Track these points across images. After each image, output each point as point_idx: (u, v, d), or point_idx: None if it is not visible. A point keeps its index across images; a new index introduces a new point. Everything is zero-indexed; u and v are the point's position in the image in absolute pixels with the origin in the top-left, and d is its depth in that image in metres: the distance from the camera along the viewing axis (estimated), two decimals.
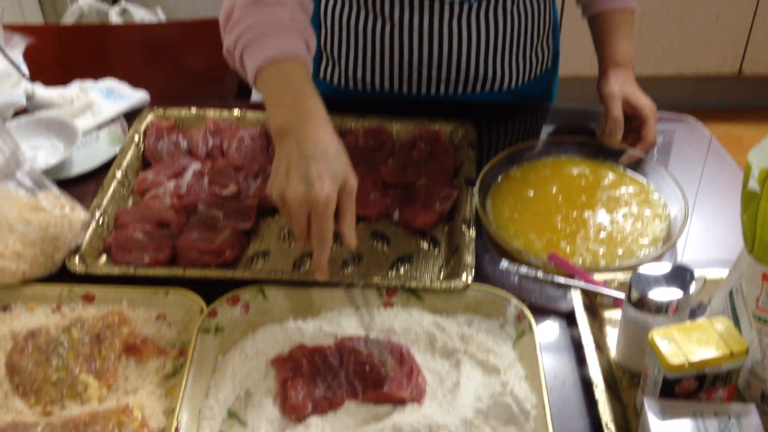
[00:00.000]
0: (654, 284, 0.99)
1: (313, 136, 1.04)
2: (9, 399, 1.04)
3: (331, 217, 1.01)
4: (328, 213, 1.01)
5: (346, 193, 1.04)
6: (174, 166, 1.40)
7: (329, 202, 1.00)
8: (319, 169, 1.01)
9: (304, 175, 1.01)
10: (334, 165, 1.02)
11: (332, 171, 1.02)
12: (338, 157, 1.04)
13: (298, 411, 1.01)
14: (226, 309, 1.12)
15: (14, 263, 1.18)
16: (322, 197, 0.99)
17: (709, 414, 0.91)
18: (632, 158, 1.38)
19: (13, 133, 1.38)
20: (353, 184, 1.04)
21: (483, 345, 1.08)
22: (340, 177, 1.02)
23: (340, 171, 1.03)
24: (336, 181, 1.02)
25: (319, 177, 1.00)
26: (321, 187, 1.00)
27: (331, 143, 1.05)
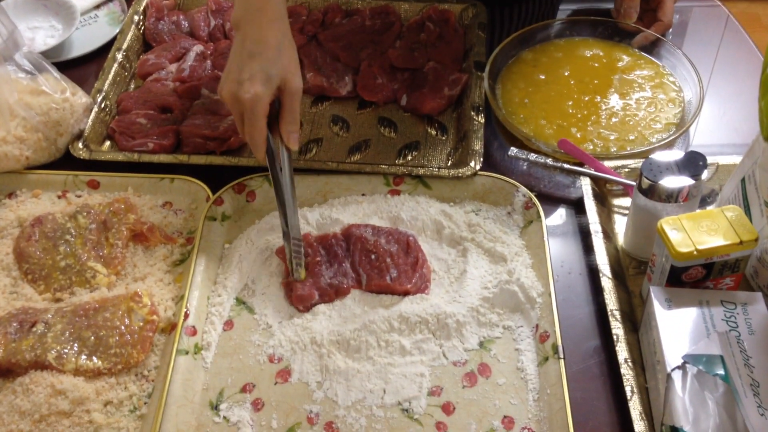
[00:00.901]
0: (665, 171, 0.98)
1: (256, 34, 1.02)
2: (19, 285, 1.05)
3: (259, 119, 0.99)
4: (255, 113, 0.99)
5: (287, 94, 1.01)
6: (175, 48, 1.37)
7: (256, 104, 0.99)
8: (252, 69, 1.00)
9: (238, 74, 1.00)
10: (270, 65, 1.00)
11: (266, 71, 1.00)
12: (278, 57, 1.01)
13: (305, 301, 1.01)
14: (232, 197, 1.12)
15: (17, 149, 1.17)
16: (249, 98, 0.98)
17: (715, 302, 0.91)
18: (646, 39, 1.34)
19: (10, 13, 1.34)
20: (294, 84, 1.02)
21: (490, 233, 1.07)
22: (276, 77, 1.00)
23: (277, 71, 1.00)
24: (269, 82, 0.99)
25: (250, 77, 0.99)
26: (249, 88, 0.98)
27: (274, 41, 1.02)
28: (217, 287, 1.04)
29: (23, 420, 0.90)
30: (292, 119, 1.02)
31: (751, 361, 0.85)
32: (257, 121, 1.00)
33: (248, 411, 0.93)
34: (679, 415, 0.82)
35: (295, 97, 1.02)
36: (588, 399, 0.93)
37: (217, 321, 1.01)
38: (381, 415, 0.92)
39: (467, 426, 0.91)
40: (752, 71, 1.36)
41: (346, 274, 1.04)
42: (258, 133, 1.00)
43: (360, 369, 0.95)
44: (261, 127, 1.00)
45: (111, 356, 0.95)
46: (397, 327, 0.98)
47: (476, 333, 0.99)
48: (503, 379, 0.95)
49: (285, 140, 1.02)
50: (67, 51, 1.42)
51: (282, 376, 0.96)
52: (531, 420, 0.91)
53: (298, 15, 1.41)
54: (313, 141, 1.23)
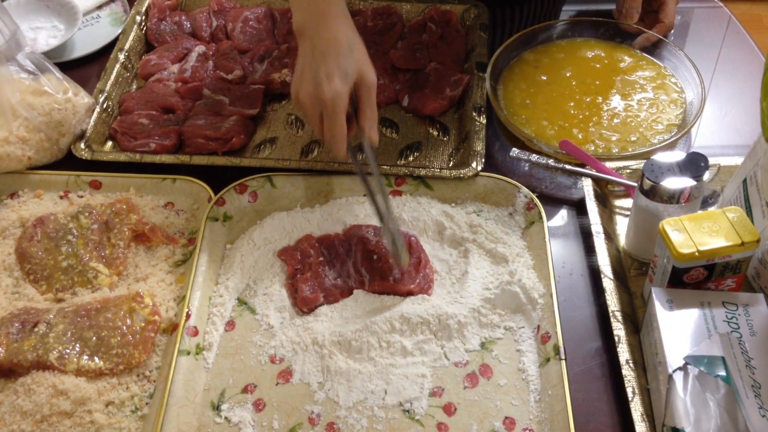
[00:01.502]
0: (667, 172, 0.98)
1: (325, 34, 1.03)
2: (21, 285, 1.05)
3: (340, 115, 1.00)
4: (337, 111, 1.00)
5: (364, 89, 1.02)
6: (177, 49, 1.37)
7: (337, 100, 0.99)
8: (328, 67, 1.00)
9: (314, 74, 1.00)
10: (345, 62, 1.01)
11: (342, 68, 1.00)
12: (350, 53, 1.02)
13: (309, 303, 1.02)
14: (233, 197, 1.12)
15: (19, 149, 1.17)
16: (329, 96, 0.99)
17: (716, 303, 0.91)
18: (648, 40, 1.34)
19: (13, 13, 1.34)
20: (370, 78, 1.02)
21: (492, 234, 1.07)
22: (353, 73, 1.01)
23: (353, 67, 1.01)
24: (346, 78, 1.00)
25: (327, 76, 1.00)
26: (329, 86, 0.99)
27: (344, 39, 1.02)
28: (218, 288, 1.04)
29: (25, 420, 0.90)
30: (372, 113, 1.03)
31: (753, 363, 0.85)
32: (339, 119, 1.00)
33: (249, 411, 0.93)
34: (680, 416, 0.82)
35: (372, 90, 1.03)
36: (589, 400, 0.93)
37: (219, 321, 1.01)
38: (382, 415, 0.92)
39: (468, 427, 0.91)
40: (754, 72, 1.36)
41: (350, 275, 1.04)
42: (340, 130, 1.01)
43: (361, 370, 0.95)
44: (342, 124, 1.01)
45: (113, 356, 0.95)
46: (398, 328, 0.98)
47: (477, 334, 0.99)
48: (504, 380, 0.95)
49: (367, 133, 1.03)
50: (70, 51, 1.42)
51: (283, 377, 0.96)
52: (532, 421, 0.91)
53: None
54: (315, 141, 1.23)
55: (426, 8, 1.41)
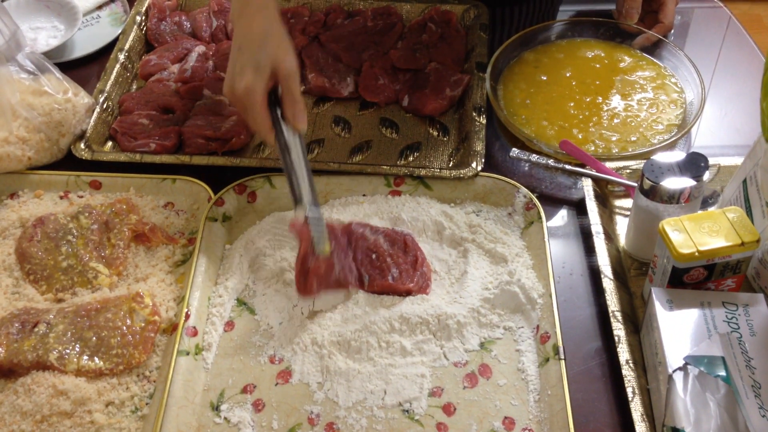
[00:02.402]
0: (667, 172, 0.98)
1: (244, 27, 1.04)
2: (20, 286, 1.05)
3: (256, 108, 1.00)
4: (252, 103, 1.00)
5: (281, 77, 1.02)
6: (177, 49, 1.37)
7: (250, 95, 1.00)
8: (242, 62, 1.01)
9: (231, 69, 1.02)
10: (258, 54, 1.01)
11: (255, 61, 1.00)
12: (263, 45, 1.02)
13: (323, 280, 1.00)
14: (233, 197, 1.12)
15: (19, 149, 1.17)
16: (242, 90, 1.00)
17: (716, 303, 0.91)
18: (647, 40, 1.34)
19: (13, 13, 1.34)
20: (287, 67, 1.02)
21: (491, 234, 1.07)
22: (267, 65, 1.01)
23: (266, 58, 1.01)
24: (259, 70, 1.00)
25: (240, 71, 1.01)
26: (241, 81, 1.00)
27: (259, 30, 1.03)
28: (218, 288, 1.04)
29: (25, 420, 0.90)
30: (293, 100, 1.02)
31: (753, 363, 0.85)
32: (255, 111, 1.01)
33: (249, 412, 0.93)
34: (680, 416, 0.82)
35: (291, 78, 1.02)
36: (589, 400, 0.93)
37: (218, 322, 1.01)
38: (382, 415, 0.92)
39: (468, 427, 0.91)
40: (754, 72, 1.36)
41: (351, 270, 1.04)
42: (260, 122, 1.01)
43: (361, 370, 0.95)
44: (261, 116, 1.01)
45: (113, 357, 0.95)
46: (397, 328, 0.98)
47: (477, 334, 0.99)
48: (504, 380, 0.95)
49: (291, 122, 1.02)
50: (70, 51, 1.42)
51: (283, 377, 0.96)
52: (532, 421, 0.91)
53: (300, 16, 1.41)
54: (314, 142, 1.23)
55: (426, 8, 1.41)
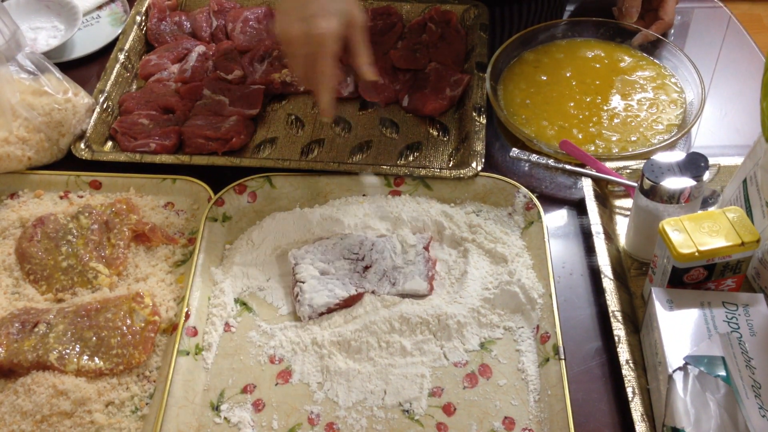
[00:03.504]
0: (667, 172, 0.98)
1: None
2: (20, 286, 1.05)
3: (333, 55, 0.98)
4: (329, 50, 0.97)
5: (354, 28, 1.00)
6: (177, 49, 1.37)
7: (330, 39, 0.97)
8: (321, 5, 0.98)
9: (303, 13, 0.98)
10: (333, 3, 0.99)
11: (333, 7, 0.98)
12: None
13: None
14: (233, 197, 1.12)
15: (19, 149, 1.17)
16: (320, 33, 0.96)
17: (716, 303, 0.91)
18: (646, 38, 1.34)
19: (13, 13, 1.34)
20: (360, 17, 1.00)
21: (491, 234, 1.07)
22: (344, 13, 0.99)
23: (343, 7, 0.99)
24: (338, 17, 0.98)
25: (320, 14, 0.97)
26: (321, 24, 0.96)
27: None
28: (217, 288, 1.04)
29: (25, 420, 0.90)
30: (364, 51, 1.01)
31: (753, 363, 0.85)
32: (329, 58, 0.98)
33: (249, 412, 0.93)
34: (680, 416, 0.81)
35: (362, 30, 1.01)
36: (589, 400, 0.93)
37: (218, 322, 1.01)
38: (382, 415, 0.92)
39: (468, 427, 0.91)
40: (754, 72, 1.36)
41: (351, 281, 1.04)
42: (329, 70, 0.98)
43: (361, 370, 0.95)
44: (332, 65, 0.98)
45: (113, 357, 0.95)
46: (397, 328, 0.98)
47: (477, 334, 0.99)
48: (504, 380, 0.95)
49: (363, 74, 1.01)
50: (70, 51, 1.42)
51: (283, 377, 0.96)
52: (532, 421, 0.91)
53: None
54: (314, 142, 1.23)
55: (426, 8, 1.41)
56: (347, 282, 1.03)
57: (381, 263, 1.04)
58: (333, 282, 1.02)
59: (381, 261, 1.04)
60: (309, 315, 1.00)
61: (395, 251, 1.05)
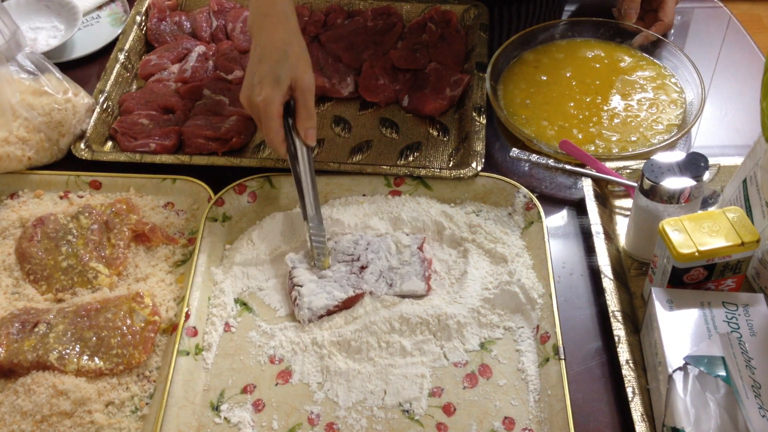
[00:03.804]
0: (667, 172, 0.98)
1: (264, 38, 1.06)
2: (21, 286, 1.05)
3: (272, 119, 1.02)
4: (268, 115, 1.02)
5: (298, 92, 1.04)
6: (177, 49, 1.37)
7: (268, 106, 1.02)
8: (261, 73, 1.03)
9: (250, 79, 1.04)
10: (278, 67, 1.03)
11: (275, 73, 1.03)
12: (285, 58, 1.04)
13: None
14: (233, 197, 1.12)
15: (19, 149, 1.17)
16: (260, 101, 1.02)
17: (716, 303, 0.91)
18: (646, 39, 1.34)
19: (13, 13, 1.34)
20: (305, 82, 1.04)
21: (491, 234, 1.07)
22: (285, 78, 1.03)
23: (285, 72, 1.03)
24: (278, 83, 1.02)
25: (259, 82, 1.03)
26: (259, 92, 1.02)
27: (280, 43, 1.05)
28: (217, 288, 1.04)
29: (25, 420, 0.90)
30: (307, 115, 1.04)
31: (753, 363, 0.85)
32: (271, 122, 1.02)
33: (249, 412, 0.93)
34: (680, 416, 0.81)
35: (307, 94, 1.04)
36: (589, 400, 0.93)
37: (218, 322, 1.01)
38: (382, 415, 0.92)
39: (468, 427, 0.91)
40: (754, 72, 1.36)
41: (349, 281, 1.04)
42: (274, 133, 1.03)
43: (361, 370, 0.95)
44: (276, 128, 1.03)
45: (113, 357, 0.95)
46: (397, 328, 0.98)
47: (477, 334, 0.99)
48: (504, 380, 0.95)
49: (303, 137, 1.04)
50: (70, 51, 1.42)
51: (283, 377, 0.96)
52: (532, 421, 0.91)
53: (300, 16, 1.41)
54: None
55: (426, 8, 1.41)
56: (345, 284, 1.03)
57: (377, 263, 1.04)
58: (331, 284, 1.03)
59: (377, 261, 1.04)
60: (308, 318, 1.00)
61: (390, 251, 1.05)
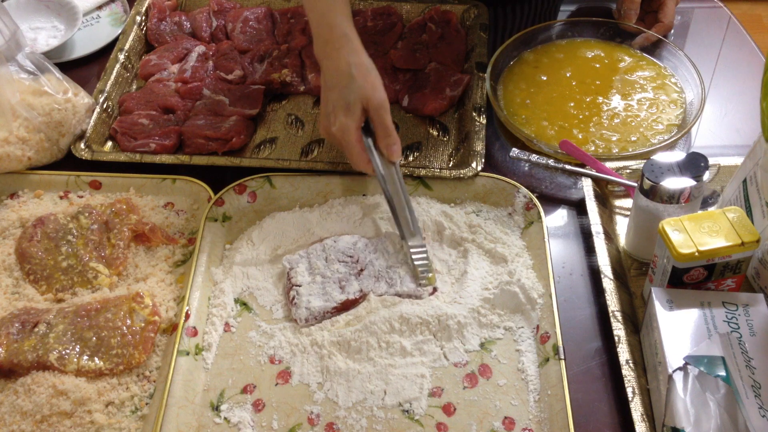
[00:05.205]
0: (667, 172, 0.98)
1: (330, 64, 1.06)
2: (20, 286, 1.05)
3: (352, 144, 1.04)
4: (347, 141, 1.04)
5: (372, 111, 1.04)
6: (177, 49, 1.37)
7: (343, 134, 1.03)
8: (333, 101, 1.05)
9: (325, 108, 1.06)
10: (346, 92, 1.04)
11: (345, 100, 1.03)
12: (352, 81, 1.04)
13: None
14: (233, 197, 1.12)
15: (19, 149, 1.17)
16: (335, 129, 1.04)
17: (716, 303, 0.91)
18: (647, 40, 1.34)
19: (12, 13, 1.34)
20: (376, 100, 1.04)
21: (491, 234, 1.07)
22: (356, 102, 1.03)
23: (355, 95, 1.03)
24: (349, 109, 1.03)
25: (333, 110, 1.04)
26: (334, 121, 1.04)
27: (345, 67, 1.05)
28: (217, 288, 1.04)
29: (25, 420, 0.90)
30: (385, 133, 1.05)
31: (753, 363, 0.85)
32: (352, 149, 1.04)
33: (249, 412, 0.93)
34: (680, 416, 0.81)
35: (381, 111, 1.04)
36: (589, 400, 0.93)
37: (218, 322, 1.01)
38: (381, 416, 0.92)
39: (468, 427, 0.91)
40: (754, 72, 1.36)
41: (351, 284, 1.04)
42: (357, 158, 1.05)
43: (361, 370, 0.95)
44: (357, 153, 1.04)
45: (113, 357, 0.95)
46: (397, 328, 0.98)
47: (477, 334, 0.99)
48: (504, 380, 0.95)
49: (386, 155, 1.05)
50: (70, 51, 1.42)
51: (283, 377, 0.96)
52: (532, 421, 0.91)
53: (300, 16, 1.41)
54: (314, 142, 1.23)
55: (426, 8, 1.41)
56: (344, 285, 1.03)
57: (375, 264, 1.04)
58: (330, 285, 1.02)
59: (375, 262, 1.04)
60: (306, 317, 1.00)
61: (388, 251, 1.05)
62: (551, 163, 1.17)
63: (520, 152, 1.18)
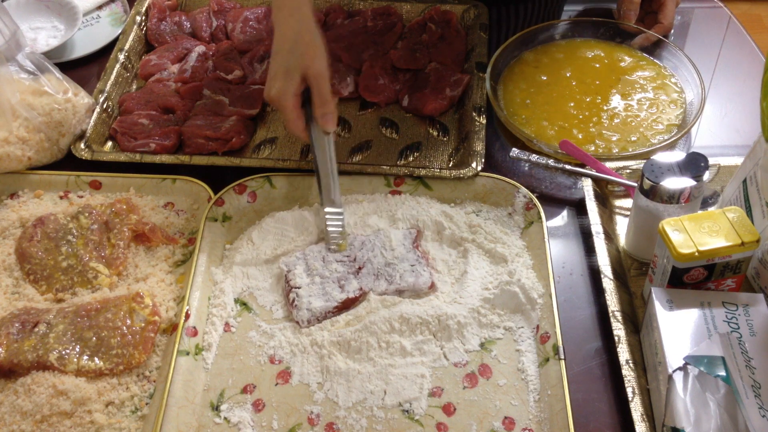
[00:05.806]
0: (667, 172, 0.98)
1: (277, 31, 1.07)
2: (20, 286, 1.05)
3: (288, 109, 1.04)
4: (283, 106, 1.04)
5: (311, 79, 1.04)
6: (177, 49, 1.37)
7: (280, 98, 1.04)
8: (275, 66, 1.06)
9: (269, 74, 1.07)
10: (288, 58, 1.04)
11: (285, 65, 1.04)
12: (293, 49, 1.05)
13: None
14: (233, 197, 1.12)
15: (19, 149, 1.17)
16: (274, 94, 1.05)
17: (716, 303, 0.91)
18: (647, 40, 1.34)
19: (13, 13, 1.34)
20: (317, 69, 1.04)
21: (491, 234, 1.07)
22: (296, 68, 1.04)
23: (295, 62, 1.04)
24: (289, 74, 1.04)
25: (274, 75, 1.05)
26: (272, 86, 1.05)
27: (290, 33, 1.06)
28: (217, 288, 1.04)
29: (25, 420, 0.90)
30: (321, 102, 1.05)
31: (753, 363, 0.85)
32: (288, 113, 1.05)
33: (249, 412, 0.93)
34: (680, 416, 0.81)
35: (320, 80, 1.04)
36: (589, 400, 0.93)
37: (218, 322, 1.01)
38: (381, 416, 0.92)
39: (468, 427, 0.91)
40: (754, 72, 1.36)
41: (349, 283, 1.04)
42: (292, 124, 1.05)
43: (361, 370, 0.95)
44: (293, 119, 1.05)
45: (113, 357, 0.95)
46: (397, 328, 0.98)
47: (477, 334, 0.99)
48: (504, 380, 0.95)
49: (320, 124, 1.05)
50: (70, 51, 1.42)
51: (283, 377, 0.96)
52: (532, 421, 0.91)
53: None
54: None
55: (426, 8, 1.41)
56: (343, 284, 1.03)
57: (373, 261, 1.04)
58: (329, 285, 1.03)
59: (372, 259, 1.04)
60: (307, 319, 1.00)
61: (385, 248, 1.05)
62: (551, 163, 1.17)
63: (520, 152, 1.18)
